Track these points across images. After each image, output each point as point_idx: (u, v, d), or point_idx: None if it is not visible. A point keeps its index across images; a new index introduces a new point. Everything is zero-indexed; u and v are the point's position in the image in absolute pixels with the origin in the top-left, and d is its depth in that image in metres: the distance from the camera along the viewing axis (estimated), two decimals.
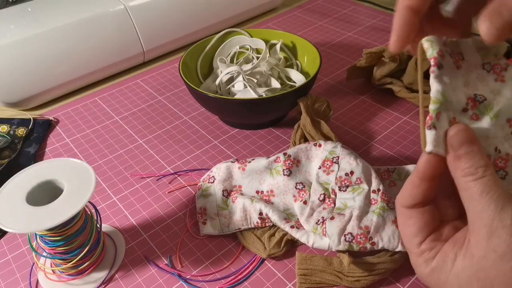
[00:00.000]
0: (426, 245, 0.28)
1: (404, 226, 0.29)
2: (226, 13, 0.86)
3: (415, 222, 0.28)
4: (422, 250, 0.28)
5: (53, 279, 0.44)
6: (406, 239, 0.29)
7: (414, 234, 0.28)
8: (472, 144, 0.25)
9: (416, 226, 0.28)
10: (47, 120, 0.66)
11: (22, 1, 0.79)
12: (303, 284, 0.42)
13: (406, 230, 0.29)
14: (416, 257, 0.28)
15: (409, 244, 0.29)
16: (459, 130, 0.26)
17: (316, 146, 0.51)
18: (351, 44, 0.82)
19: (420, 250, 0.28)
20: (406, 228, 0.29)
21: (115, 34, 0.73)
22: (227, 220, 0.47)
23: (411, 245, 0.28)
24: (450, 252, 0.26)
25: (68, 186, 0.39)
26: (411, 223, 0.28)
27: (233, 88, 0.63)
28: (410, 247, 0.29)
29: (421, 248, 0.28)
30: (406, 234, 0.29)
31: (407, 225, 0.29)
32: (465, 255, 0.25)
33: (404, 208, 0.29)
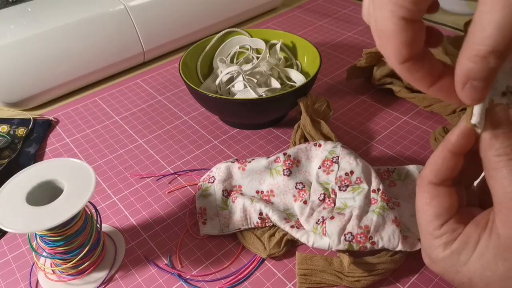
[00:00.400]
0: (448, 227, 0.26)
1: (427, 205, 0.27)
2: (226, 13, 0.86)
3: (439, 202, 0.27)
4: (443, 232, 0.26)
5: (53, 279, 0.44)
6: (425, 220, 0.27)
7: (436, 216, 0.27)
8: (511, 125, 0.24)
9: (441, 207, 0.27)
10: (47, 120, 0.66)
11: (22, 1, 0.79)
12: (303, 284, 0.42)
13: (428, 210, 0.27)
14: (432, 240, 0.27)
15: (427, 226, 0.27)
16: (501, 109, 0.25)
17: (316, 146, 0.51)
18: (351, 44, 0.82)
19: (440, 232, 0.26)
20: (429, 208, 0.27)
21: (115, 34, 0.73)
22: (227, 220, 0.47)
23: (430, 227, 0.27)
24: (473, 233, 0.25)
25: (68, 186, 0.39)
26: (435, 204, 0.27)
27: (233, 88, 0.63)
28: (429, 228, 0.27)
29: (442, 230, 0.26)
30: (427, 214, 0.27)
31: (431, 205, 0.27)
32: (490, 236, 0.24)
33: (431, 186, 0.27)
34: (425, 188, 0.28)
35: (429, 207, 0.27)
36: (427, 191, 0.27)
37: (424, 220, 0.27)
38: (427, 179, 0.27)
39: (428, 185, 0.27)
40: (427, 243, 0.27)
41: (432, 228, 0.27)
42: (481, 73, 0.22)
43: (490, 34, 0.20)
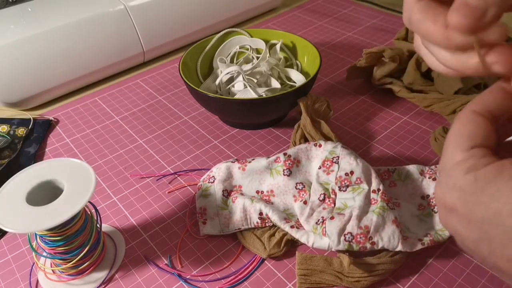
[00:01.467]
0: (478, 151, 0.22)
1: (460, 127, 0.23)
2: (226, 13, 0.86)
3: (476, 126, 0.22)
4: (471, 154, 0.22)
5: (53, 279, 0.44)
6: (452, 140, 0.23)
7: (469, 136, 0.22)
8: None
9: (476, 130, 0.22)
10: (47, 120, 0.66)
11: (22, 1, 0.79)
12: (303, 284, 0.42)
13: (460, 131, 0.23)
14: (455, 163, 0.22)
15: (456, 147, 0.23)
16: None
17: (316, 146, 0.51)
18: (351, 44, 0.82)
19: (468, 154, 0.22)
20: (462, 129, 0.23)
21: (115, 34, 0.73)
22: (227, 220, 0.47)
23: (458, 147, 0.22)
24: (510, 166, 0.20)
25: (68, 186, 0.39)
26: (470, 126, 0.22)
27: (233, 88, 0.63)
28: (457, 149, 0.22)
29: (470, 152, 0.22)
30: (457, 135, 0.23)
31: (465, 127, 0.23)
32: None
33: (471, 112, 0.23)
34: (463, 114, 0.23)
35: (463, 129, 0.23)
36: (465, 116, 0.23)
37: (451, 141, 0.23)
38: (469, 107, 0.23)
39: (468, 111, 0.23)
40: (448, 166, 0.23)
41: (460, 147, 0.22)
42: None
43: None
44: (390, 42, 0.81)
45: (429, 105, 0.61)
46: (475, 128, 0.22)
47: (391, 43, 0.81)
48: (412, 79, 0.63)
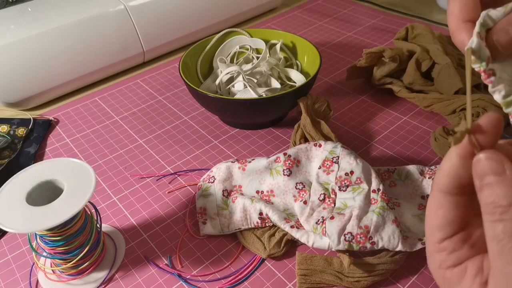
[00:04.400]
0: (449, 243, 0.24)
1: (431, 214, 0.25)
2: (226, 13, 0.86)
3: (444, 213, 0.24)
4: (443, 247, 0.24)
5: (53, 279, 0.44)
6: (428, 230, 0.25)
7: (439, 227, 0.24)
8: (499, 175, 0.21)
9: (445, 219, 0.24)
10: (47, 120, 0.66)
11: (22, 1, 0.79)
12: (303, 284, 0.42)
13: (432, 219, 0.25)
14: (432, 252, 0.25)
15: (430, 236, 0.25)
16: (485, 159, 0.22)
17: (316, 146, 0.51)
18: (351, 44, 0.82)
19: (441, 247, 0.24)
20: (433, 217, 0.25)
21: (115, 34, 0.73)
22: (227, 220, 0.47)
23: (432, 237, 0.25)
24: (469, 277, 0.23)
25: (68, 186, 0.39)
26: (439, 214, 0.24)
27: (233, 88, 0.63)
28: (431, 239, 0.25)
29: (443, 245, 0.24)
30: (430, 223, 0.25)
31: (435, 215, 0.24)
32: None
33: (439, 193, 0.24)
34: (434, 194, 0.25)
35: (434, 217, 0.25)
36: (435, 197, 0.25)
37: (428, 228, 0.25)
38: (436, 185, 0.25)
39: (436, 191, 0.25)
40: (428, 252, 0.25)
41: (434, 239, 0.25)
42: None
43: None
44: (390, 42, 0.81)
45: (429, 105, 0.61)
46: (444, 216, 0.24)
47: (391, 43, 0.81)
48: (412, 79, 0.63)
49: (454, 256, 0.23)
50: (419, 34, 0.69)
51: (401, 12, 0.91)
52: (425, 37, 0.68)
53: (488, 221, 0.21)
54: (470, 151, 0.22)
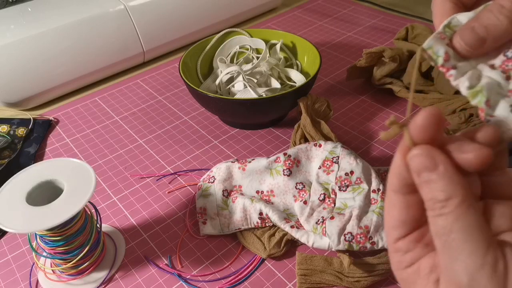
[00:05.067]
0: (403, 243, 0.24)
1: (387, 213, 0.25)
2: (226, 13, 0.86)
3: (397, 213, 0.23)
4: (398, 248, 0.24)
5: (53, 279, 0.44)
6: (385, 230, 0.25)
7: (393, 227, 0.24)
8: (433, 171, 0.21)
9: (398, 219, 0.23)
10: (47, 120, 0.66)
11: (22, 1, 0.79)
12: (303, 284, 0.42)
13: (388, 220, 0.24)
14: (390, 252, 0.24)
15: (387, 237, 0.25)
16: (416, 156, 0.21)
17: (316, 146, 0.51)
18: (351, 44, 0.82)
19: (396, 247, 0.24)
20: (387, 217, 0.24)
21: (115, 34, 0.73)
22: (227, 220, 0.47)
23: (389, 238, 0.24)
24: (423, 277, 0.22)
25: (68, 186, 0.39)
26: (392, 214, 0.24)
27: (233, 88, 0.63)
28: (388, 240, 0.25)
29: (398, 245, 0.24)
30: (387, 224, 0.25)
31: (389, 215, 0.24)
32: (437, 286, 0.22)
33: (391, 193, 0.24)
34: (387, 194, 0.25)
35: (388, 217, 0.24)
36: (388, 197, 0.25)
37: (385, 229, 0.25)
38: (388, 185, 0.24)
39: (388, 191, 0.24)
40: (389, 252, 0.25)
41: (390, 240, 0.24)
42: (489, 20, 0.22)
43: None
44: (390, 42, 0.81)
45: (429, 105, 0.61)
46: (396, 215, 0.23)
47: (391, 43, 0.81)
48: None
49: (409, 256, 0.23)
50: (419, 34, 0.69)
51: (401, 12, 0.91)
52: (425, 37, 0.68)
53: (430, 217, 0.21)
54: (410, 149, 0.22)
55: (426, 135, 0.21)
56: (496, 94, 0.23)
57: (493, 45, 0.23)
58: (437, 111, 0.21)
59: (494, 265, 0.19)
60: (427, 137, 0.21)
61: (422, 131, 0.21)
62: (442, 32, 0.24)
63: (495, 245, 0.20)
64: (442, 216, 0.20)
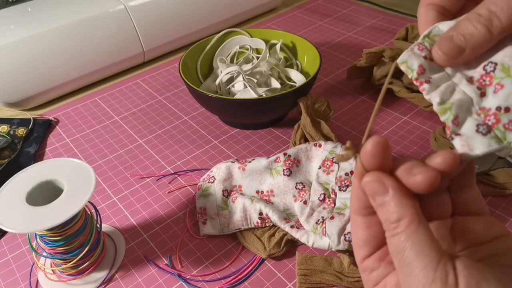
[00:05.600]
0: (369, 263, 0.25)
1: (353, 235, 0.26)
2: (226, 13, 0.86)
3: (361, 233, 0.25)
4: (365, 267, 0.25)
5: (53, 279, 0.44)
6: (353, 250, 0.26)
7: (359, 247, 0.25)
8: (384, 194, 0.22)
9: (361, 239, 0.25)
10: (47, 120, 0.66)
11: (22, 1, 0.79)
12: (303, 284, 0.42)
13: (354, 241, 0.26)
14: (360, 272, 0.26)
15: (355, 256, 0.26)
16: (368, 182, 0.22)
17: (316, 146, 0.51)
18: (351, 44, 0.82)
19: (363, 267, 0.25)
20: (354, 238, 0.26)
21: (115, 34, 0.73)
22: (227, 220, 0.47)
23: (356, 257, 0.26)
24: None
25: (68, 186, 0.39)
26: (357, 234, 0.25)
27: (233, 88, 0.63)
28: (356, 259, 0.26)
29: (364, 264, 0.25)
30: (354, 244, 0.26)
31: (354, 235, 0.25)
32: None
33: (353, 214, 0.25)
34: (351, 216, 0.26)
35: (354, 237, 0.26)
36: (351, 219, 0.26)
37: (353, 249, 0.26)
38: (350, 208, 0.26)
39: (351, 213, 0.26)
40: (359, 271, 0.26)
41: (357, 259, 0.26)
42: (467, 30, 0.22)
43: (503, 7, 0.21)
44: (390, 42, 0.81)
45: (429, 105, 0.61)
46: (359, 236, 0.25)
47: (391, 43, 0.81)
48: None
49: (375, 274, 0.24)
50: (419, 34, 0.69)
51: (401, 12, 0.91)
52: None
53: (387, 238, 0.22)
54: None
55: (375, 162, 0.22)
56: (465, 112, 0.23)
57: (472, 55, 0.23)
58: (383, 140, 0.22)
59: (445, 279, 0.20)
60: (377, 163, 0.23)
61: (371, 158, 0.22)
62: (421, 43, 0.24)
63: (445, 259, 0.21)
64: (396, 236, 0.21)
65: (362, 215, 0.24)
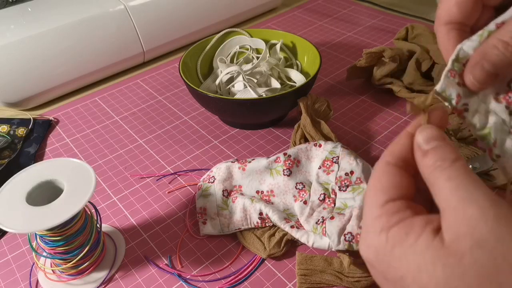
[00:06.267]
0: (392, 205, 0.23)
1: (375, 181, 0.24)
2: (226, 13, 0.86)
3: (389, 177, 0.24)
4: (385, 211, 0.23)
5: (53, 279, 0.44)
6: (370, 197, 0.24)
7: (383, 190, 0.23)
8: (441, 140, 0.23)
9: (389, 181, 0.24)
10: (47, 120, 0.66)
11: (22, 1, 0.79)
12: (303, 284, 0.42)
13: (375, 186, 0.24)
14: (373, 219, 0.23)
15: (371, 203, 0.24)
16: (427, 128, 0.24)
17: (316, 146, 0.51)
18: (351, 44, 0.82)
19: (383, 211, 0.23)
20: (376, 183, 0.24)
21: (115, 34, 0.73)
22: (227, 220, 0.47)
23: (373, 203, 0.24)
24: (417, 226, 0.22)
25: (68, 186, 0.39)
26: (384, 179, 0.24)
27: (233, 88, 0.63)
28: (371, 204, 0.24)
29: (385, 208, 0.23)
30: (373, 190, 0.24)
31: (380, 180, 0.24)
32: (434, 236, 0.21)
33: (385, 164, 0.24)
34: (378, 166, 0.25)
35: (377, 183, 0.24)
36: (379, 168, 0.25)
37: (369, 197, 0.24)
38: (383, 159, 0.25)
39: (382, 163, 0.25)
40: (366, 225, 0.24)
41: (376, 204, 0.23)
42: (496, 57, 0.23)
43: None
44: (390, 42, 0.81)
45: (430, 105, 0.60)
46: (389, 180, 0.24)
47: (391, 43, 0.81)
48: (412, 79, 0.63)
49: (399, 215, 0.23)
50: (419, 34, 0.69)
51: (401, 12, 0.91)
52: (425, 37, 0.68)
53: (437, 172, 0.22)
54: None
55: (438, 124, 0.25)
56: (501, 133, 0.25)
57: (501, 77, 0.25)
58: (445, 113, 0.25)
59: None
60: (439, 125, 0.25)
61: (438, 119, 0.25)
62: (451, 68, 0.26)
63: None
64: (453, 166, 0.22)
65: (398, 166, 0.25)
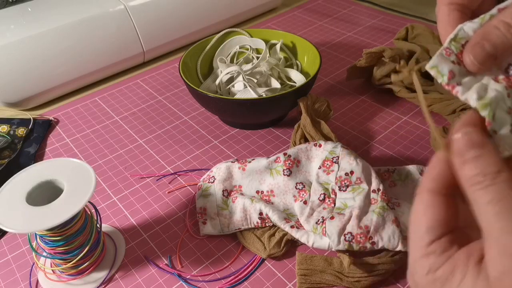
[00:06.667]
0: (438, 245, 0.23)
1: (420, 215, 0.24)
2: (226, 13, 0.86)
3: (434, 213, 0.23)
4: (432, 250, 0.23)
5: (53, 279, 0.44)
6: (415, 233, 0.24)
7: (428, 229, 0.23)
8: (482, 147, 0.21)
9: (435, 219, 0.23)
10: (47, 120, 0.66)
11: (22, 1, 0.79)
12: (303, 284, 0.42)
13: (421, 222, 0.24)
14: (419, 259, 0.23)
15: (417, 240, 0.24)
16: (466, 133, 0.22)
17: (316, 146, 0.51)
18: (351, 44, 0.82)
19: (429, 250, 0.23)
20: (422, 219, 0.24)
21: (115, 34, 0.73)
22: (227, 220, 0.47)
23: (419, 241, 0.23)
24: (462, 263, 0.22)
25: (68, 186, 0.39)
26: (429, 214, 0.23)
27: (233, 88, 0.63)
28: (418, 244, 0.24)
29: (431, 247, 0.23)
30: (419, 226, 0.24)
31: (425, 215, 0.23)
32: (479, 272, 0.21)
33: (428, 193, 0.24)
34: (419, 197, 0.24)
35: (422, 218, 0.24)
36: (421, 200, 0.24)
37: (414, 233, 0.24)
38: (424, 186, 0.24)
39: (424, 193, 0.24)
40: (413, 261, 0.24)
41: (422, 244, 0.23)
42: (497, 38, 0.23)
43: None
44: (390, 42, 0.81)
45: (429, 105, 0.61)
46: (434, 216, 0.23)
47: (391, 43, 0.81)
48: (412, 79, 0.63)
49: (445, 255, 0.23)
50: (419, 34, 0.69)
51: (401, 12, 0.91)
52: (425, 37, 0.68)
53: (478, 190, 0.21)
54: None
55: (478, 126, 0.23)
56: (501, 110, 0.23)
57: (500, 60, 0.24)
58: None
59: None
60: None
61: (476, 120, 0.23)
62: (448, 47, 0.25)
63: None
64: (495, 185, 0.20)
65: (443, 194, 0.23)
